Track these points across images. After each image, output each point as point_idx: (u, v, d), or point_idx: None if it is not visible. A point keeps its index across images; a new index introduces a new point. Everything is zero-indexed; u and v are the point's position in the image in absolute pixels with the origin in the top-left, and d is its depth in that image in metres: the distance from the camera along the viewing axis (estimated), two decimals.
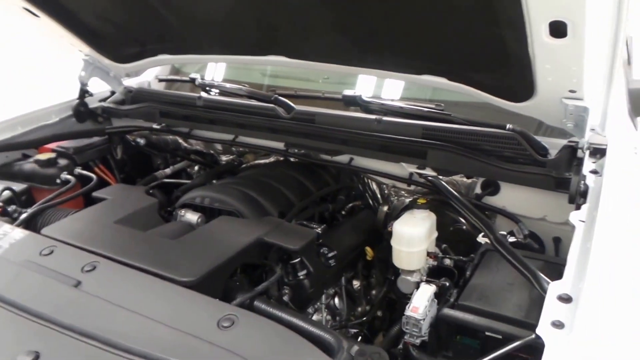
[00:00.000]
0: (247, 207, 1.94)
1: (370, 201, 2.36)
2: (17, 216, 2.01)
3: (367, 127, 2.04)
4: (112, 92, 2.83)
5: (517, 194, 1.91)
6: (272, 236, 1.74)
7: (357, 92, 2.17)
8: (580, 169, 1.66)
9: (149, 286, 1.39)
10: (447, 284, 1.72)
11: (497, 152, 1.84)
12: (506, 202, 1.96)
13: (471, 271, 1.68)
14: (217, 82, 2.69)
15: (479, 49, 1.63)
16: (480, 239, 1.80)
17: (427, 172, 1.99)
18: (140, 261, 1.50)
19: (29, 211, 1.99)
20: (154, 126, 2.62)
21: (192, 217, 1.96)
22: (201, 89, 2.60)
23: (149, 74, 3.09)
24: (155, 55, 2.46)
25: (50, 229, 1.73)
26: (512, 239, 1.84)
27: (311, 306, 1.87)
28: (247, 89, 2.43)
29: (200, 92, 2.57)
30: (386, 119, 2.03)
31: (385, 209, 2.22)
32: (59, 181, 2.32)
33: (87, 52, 2.55)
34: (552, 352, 0.99)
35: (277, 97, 2.28)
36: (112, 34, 2.40)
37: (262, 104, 2.29)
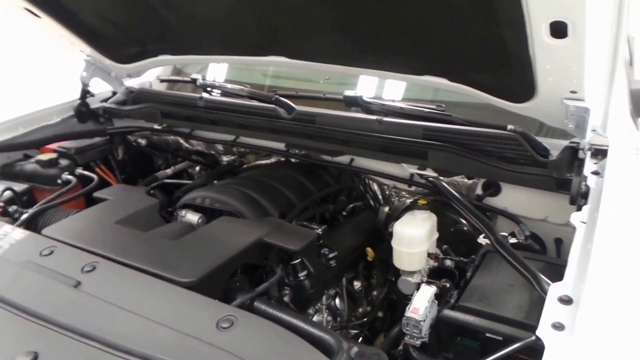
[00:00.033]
0: (247, 207, 1.94)
1: (371, 202, 2.36)
2: (18, 216, 2.01)
3: (367, 127, 2.04)
4: (113, 93, 2.83)
5: (519, 195, 1.90)
6: (272, 237, 1.73)
7: (358, 93, 2.17)
8: (581, 170, 1.65)
9: (148, 287, 1.39)
10: (448, 285, 1.71)
11: (498, 152, 1.83)
12: (507, 203, 1.96)
13: (472, 272, 1.67)
14: (218, 82, 2.69)
15: (479, 50, 1.63)
16: (481, 240, 1.80)
17: (427, 173, 1.99)
18: (140, 262, 1.51)
19: (29, 211, 1.99)
20: (155, 127, 2.62)
21: (192, 218, 1.96)
22: (202, 90, 2.60)
23: (151, 75, 3.09)
24: (156, 55, 2.46)
25: (50, 229, 1.73)
26: (513, 240, 1.83)
27: (312, 307, 1.86)
28: (248, 90, 2.43)
29: (201, 93, 2.58)
30: (387, 119, 2.02)
31: (386, 209, 2.22)
32: (60, 181, 2.32)
33: (89, 53, 2.56)
34: (552, 354, 0.99)
35: (278, 97, 2.28)
36: (112, 34, 2.40)
37: (263, 105, 2.29)
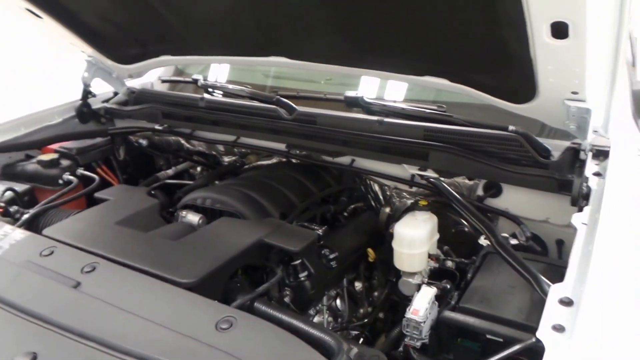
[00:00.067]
0: (248, 208, 1.94)
1: (372, 202, 2.36)
2: (19, 217, 2.01)
3: (368, 128, 2.03)
4: (115, 93, 2.83)
5: (520, 196, 1.90)
6: (272, 237, 1.73)
7: (359, 94, 2.17)
8: (582, 171, 1.65)
9: (147, 287, 1.39)
10: (448, 287, 1.71)
11: (499, 153, 1.83)
12: (508, 204, 1.95)
13: (472, 273, 1.67)
14: (219, 83, 2.69)
15: (479, 50, 1.62)
16: (482, 241, 1.79)
17: (428, 173, 1.98)
18: (140, 262, 1.50)
19: (30, 212, 1.99)
20: (157, 127, 2.62)
21: (193, 218, 1.95)
22: (204, 90, 2.60)
23: (152, 75, 3.09)
24: (157, 56, 2.45)
25: (51, 230, 1.73)
26: (514, 241, 1.82)
27: (313, 308, 1.86)
28: (249, 90, 2.42)
29: (202, 94, 2.58)
30: (388, 120, 2.02)
31: (387, 210, 2.22)
32: (61, 182, 2.32)
33: (90, 53, 2.56)
34: (552, 356, 0.98)
35: (279, 98, 2.28)
36: (113, 34, 2.40)
37: (264, 105, 2.29)
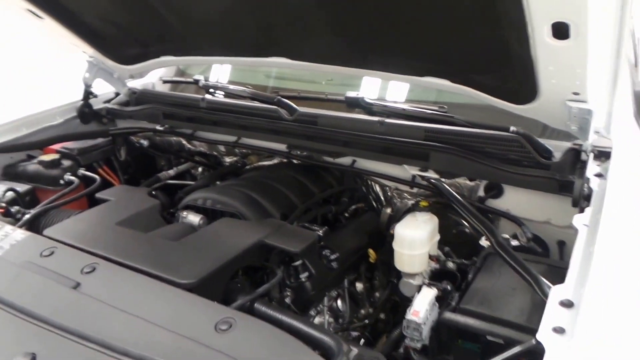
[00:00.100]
0: (249, 209, 1.93)
1: (373, 203, 2.35)
2: (20, 217, 2.01)
3: (369, 129, 2.03)
4: (116, 94, 2.83)
5: (521, 197, 1.89)
6: (273, 238, 1.73)
7: (360, 94, 2.16)
8: (584, 172, 1.64)
9: (147, 288, 1.39)
10: (449, 288, 1.70)
11: (500, 154, 1.82)
12: (510, 205, 1.95)
13: (473, 275, 1.67)
14: (220, 83, 2.69)
15: (480, 51, 1.62)
16: (482, 242, 1.79)
17: (429, 174, 1.98)
18: (140, 263, 1.50)
19: (32, 212, 1.99)
20: (158, 127, 2.62)
21: (194, 219, 1.96)
22: (205, 91, 2.60)
23: (153, 76, 3.09)
24: (158, 56, 2.46)
25: (51, 230, 1.73)
26: (515, 243, 1.82)
27: (313, 308, 1.86)
28: (250, 91, 2.42)
29: (203, 94, 2.58)
30: (389, 121, 2.01)
31: (388, 211, 2.21)
32: (62, 182, 2.32)
33: (91, 54, 2.56)
34: (552, 358, 0.98)
35: (280, 98, 2.27)
36: (114, 35, 2.40)
37: (265, 106, 2.29)
